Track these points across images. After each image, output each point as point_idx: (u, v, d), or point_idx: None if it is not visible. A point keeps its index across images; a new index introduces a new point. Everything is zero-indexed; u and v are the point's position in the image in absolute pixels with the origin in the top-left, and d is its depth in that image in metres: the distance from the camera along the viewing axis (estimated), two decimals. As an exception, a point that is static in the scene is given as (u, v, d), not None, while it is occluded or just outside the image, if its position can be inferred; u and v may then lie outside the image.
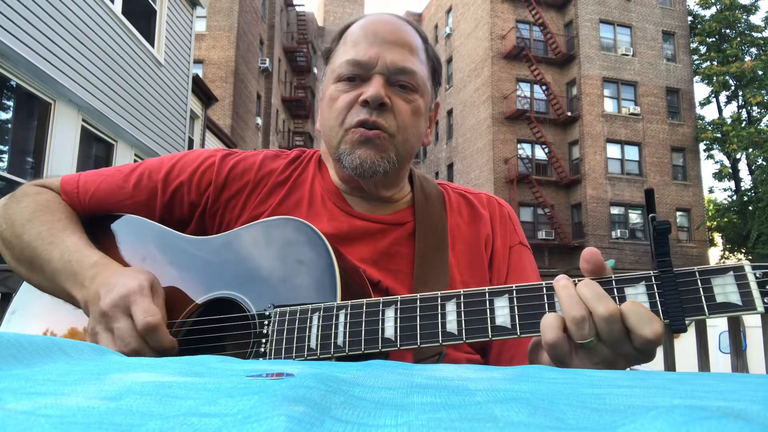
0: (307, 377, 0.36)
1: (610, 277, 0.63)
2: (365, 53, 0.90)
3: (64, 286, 0.83)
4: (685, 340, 4.03)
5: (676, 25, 24.61)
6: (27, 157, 6.73)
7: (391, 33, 0.92)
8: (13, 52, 5.82)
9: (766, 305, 0.57)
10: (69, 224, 0.90)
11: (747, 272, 0.58)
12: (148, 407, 0.28)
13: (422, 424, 0.25)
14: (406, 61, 0.91)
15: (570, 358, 0.61)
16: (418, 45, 0.95)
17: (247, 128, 22.30)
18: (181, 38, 10.27)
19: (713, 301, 0.59)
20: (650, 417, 0.23)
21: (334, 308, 0.70)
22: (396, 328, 0.67)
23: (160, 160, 1.00)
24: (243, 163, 0.99)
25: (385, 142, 0.90)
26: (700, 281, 0.60)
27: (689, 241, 23.09)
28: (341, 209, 0.96)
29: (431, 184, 1.04)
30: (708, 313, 0.58)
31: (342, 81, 0.92)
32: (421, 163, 31.87)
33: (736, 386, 0.39)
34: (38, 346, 0.48)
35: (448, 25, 28.69)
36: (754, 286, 0.58)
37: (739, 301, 0.58)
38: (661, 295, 0.61)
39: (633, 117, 22.93)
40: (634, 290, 0.62)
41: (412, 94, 0.92)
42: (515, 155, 22.88)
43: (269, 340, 0.72)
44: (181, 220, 0.96)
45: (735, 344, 2.43)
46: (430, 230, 0.94)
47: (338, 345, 0.68)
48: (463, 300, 0.66)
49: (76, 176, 0.99)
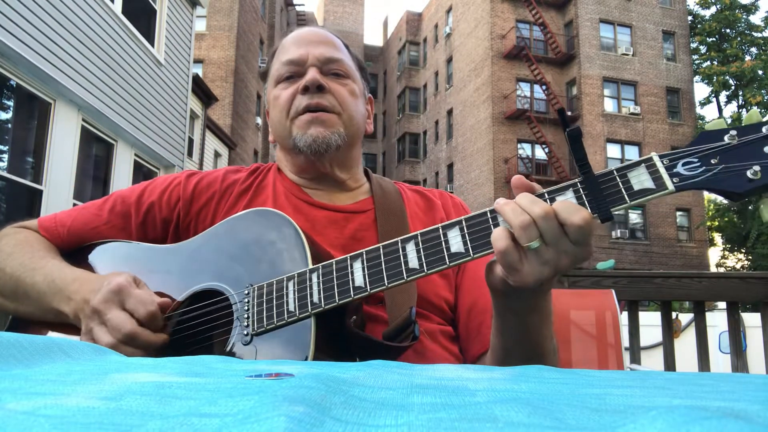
0: (307, 377, 0.36)
1: (542, 190, 0.70)
2: (296, 52, 1.03)
3: (51, 305, 0.85)
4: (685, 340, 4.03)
5: (676, 24, 24.61)
6: (27, 157, 6.73)
7: (315, 35, 1.06)
8: (13, 52, 5.82)
9: (676, 184, 0.66)
10: (48, 253, 0.94)
11: (656, 161, 0.67)
12: (148, 407, 0.28)
13: (422, 424, 0.25)
14: (333, 52, 1.04)
15: (521, 264, 0.67)
16: (339, 44, 1.08)
17: (247, 128, 22.31)
18: (181, 38, 10.27)
19: (631, 189, 0.67)
20: (650, 417, 0.23)
21: (306, 272, 0.75)
22: (364, 275, 0.73)
23: (131, 188, 1.07)
24: (207, 178, 1.06)
25: (332, 118, 1.00)
26: (618, 177, 0.68)
27: (689, 241, 23.09)
28: (304, 201, 1.02)
29: (387, 182, 1.13)
30: (629, 200, 0.66)
31: (282, 82, 1.03)
32: (421, 163, 31.88)
33: (736, 386, 0.39)
34: (38, 346, 0.49)
35: (448, 24, 28.69)
36: (663, 171, 0.66)
37: (653, 185, 0.66)
38: (587, 195, 0.68)
39: (633, 117, 22.94)
40: (563, 197, 0.69)
41: (345, 79, 1.04)
42: (515, 155, 22.89)
43: (250, 314, 0.77)
44: (155, 239, 1.01)
45: (735, 344, 2.43)
46: (391, 215, 1.01)
47: (314, 302, 0.73)
48: (421, 239, 0.72)
49: (52, 215, 1.05)
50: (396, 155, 34.46)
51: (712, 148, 0.66)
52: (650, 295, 2.56)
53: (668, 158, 0.67)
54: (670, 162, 0.67)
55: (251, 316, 0.77)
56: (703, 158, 0.66)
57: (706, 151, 0.66)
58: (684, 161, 0.66)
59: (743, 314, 3.98)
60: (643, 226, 22.70)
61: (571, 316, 1.96)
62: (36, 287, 0.87)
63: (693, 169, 0.66)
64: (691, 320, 3.73)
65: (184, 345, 0.82)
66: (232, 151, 18.96)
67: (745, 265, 25.05)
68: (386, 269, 0.72)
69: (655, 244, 22.55)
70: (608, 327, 1.95)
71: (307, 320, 0.73)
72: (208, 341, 0.82)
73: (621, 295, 2.33)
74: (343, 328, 0.77)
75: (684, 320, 4.57)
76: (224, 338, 0.79)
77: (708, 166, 0.66)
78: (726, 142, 0.66)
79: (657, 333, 3.13)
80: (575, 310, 1.97)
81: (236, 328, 0.78)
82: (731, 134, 0.66)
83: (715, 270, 26.11)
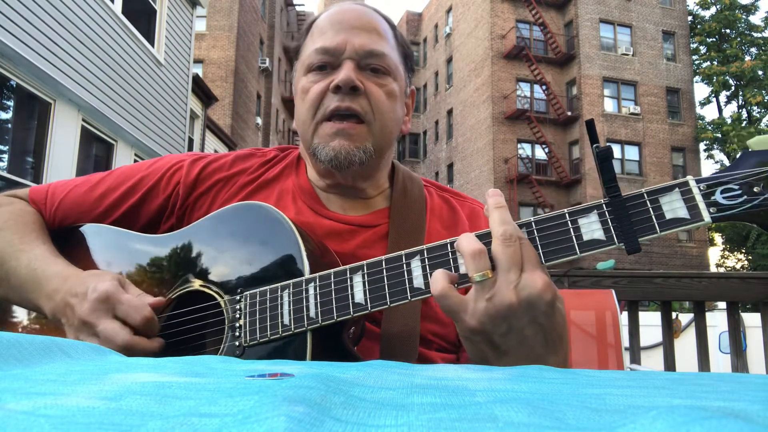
0: (307, 377, 0.36)
1: (563, 211, 0.65)
2: (332, 40, 0.89)
3: (29, 297, 0.82)
4: (685, 340, 4.03)
5: (676, 24, 24.61)
6: (27, 157, 6.73)
7: (357, 19, 0.91)
8: (13, 52, 5.82)
9: (713, 215, 0.60)
10: (40, 236, 0.90)
11: (691, 186, 0.61)
12: (148, 407, 0.28)
13: (422, 424, 0.25)
14: (375, 44, 0.90)
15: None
16: (385, 29, 0.94)
17: (247, 128, 22.30)
18: (181, 38, 10.26)
19: (663, 218, 0.61)
20: (650, 417, 0.23)
21: (303, 283, 0.71)
22: (365, 291, 0.68)
23: (129, 167, 1.00)
24: (214, 164, 0.98)
25: (361, 132, 0.88)
26: (648, 201, 0.62)
27: (689, 241, 23.08)
28: (310, 208, 0.94)
29: (416, 185, 1.01)
30: (659, 230, 0.61)
31: (312, 71, 0.90)
32: (421, 163, 31.87)
33: (736, 386, 0.39)
34: (38, 346, 0.48)
35: (448, 24, 28.68)
36: (699, 198, 0.60)
37: (687, 215, 0.60)
38: (612, 221, 0.62)
39: (633, 117, 22.93)
40: (587, 219, 0.63)
41: (385, 78, 0.91)
42: (515, 155, 22.88)
43: (243, 324, 0.73)
44: (148, 224, 0.95)
45: (735, 344, 2.43)
46: (405, 234, 0.91)
47: (311, 317, 0.69)
48: (427, 255, 0.67)
49: (45, 186, 0.99)
50: (396, 155, 34.25)
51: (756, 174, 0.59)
52: (650, 295, 2.56)
53: (705, 183, 0.61)
54: (707, 188, 0.60)
55: (244, 326, 0.73)
56: (745, 185, 0.59)
57: (749, 177, 0.59)
58: (723, 188, 0.60)
59: (743, 314, 3.98)
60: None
61: (571, 316, 1.96)
62: (17, 272, 0.83)
63: (732, 198, 0.59)
64: (691, 320, 3.72)
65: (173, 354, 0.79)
66: (231, 151, 18.92)
67: (745, 265, 25.04)
68: (389, 286, 0.67)
69: (655, 244, 22.53)
70: (608, 327, 1.95)
71: (302, 334, 0.69)
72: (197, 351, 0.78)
73: (621, 295, 2.33)
74: (340, 343, 0.73)
75: (684, 320, 4.57)
76: (215, 348, 0.75)
77: (750, 195, 0.59)
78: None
79: (657, 333, 3.13)
80: (575, 310, 1.97)
81: (227, 337, 0.74)
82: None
83: (715, 270, 26.10)
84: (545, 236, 0.64)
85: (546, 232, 0.64)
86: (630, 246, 0.61)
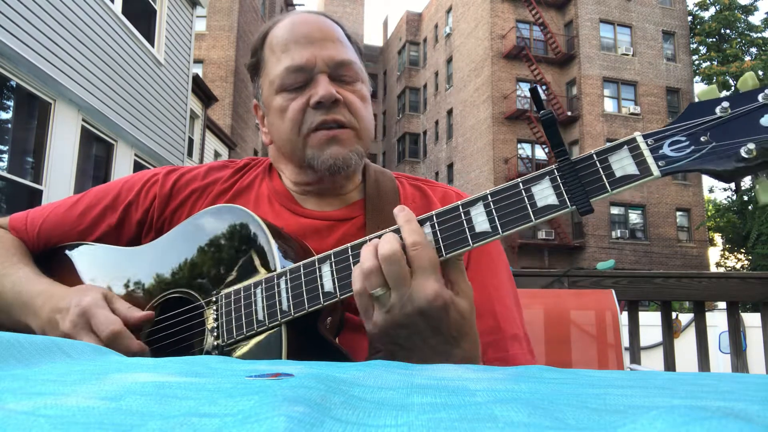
0: (307, 377, 0.36)
1: (516, 180, 0.65)
2: (301, 56, 0.90)
3: (18, 318, 0.85)
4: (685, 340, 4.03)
5: (676, 24, 24.62)
6: (27, 157, 6.72)
7: (318, 30, 0.93)
8: (13, 52, 5.82)
9: (662, 168, 0.59)
10: (22, 259, 0.92)
11: (639, 142, 0.61)
12: (148, 407, 0.28)
13: (422, 424, 0.25)
14: (341, 53, 0.92)
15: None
16: (341, 34, 0.96)
17: (247, 128, 22.30)
18: (181, 38, 10.27)
19: (613, 177, 0.61)
20: (650, 417, 0.23)
21: (274, 278, 0.72)
22: (333, 280, 0.69)
23: (106, 186, 1.02)
24: (187, 175, 1.00)
25: (350, 136, 0.91)
26: (598, 162, 0.62)
27: (689, 241, 23.09)
28: (288, 209, 0.96)
29: (387, 177, 1.04)
30: (610, 188, 0.60)
31: (286, 91, 0.91)
32: (421, 163, 31.87)
33: (736, 386, 0.39)
34: (38, 346, 0.49)
35: (448, 24, 28.69)
36: (647, 153, 0.60)
37: (636, 171, 0.60)
38: (564, 184, 0.62)
39: (633, 117, 22.93)
40: (539, 186, 0.64)
41: (356, 84, 0.94)
42: (515, 155, 22.89)
43: (219, 324, 0.74)
44: (130, 240, 0.97)
45: (735, 344, 2.43)
46: (382, 223, 0.92)
47: (284, 310, 0.70)
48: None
49: (24, 213, 1.01)
50: (396, 155, 34.45)
51: (702, 123, 0.59)
52: (650, 295, 2.56)
53: (653, 138, 0.61)
54: (655, 142, 0.60)
55: (221, 327, 0.74)
56: (692, 136, 0.59)
57: (695, 127, 0.60)
58: (671, 140, 0.60)
59: (743, 314, 3.98)
60: (643, 227, 22.69)
61: (571, 316, 1.96)
62: (3, 295, 0.86)
63: (680, 150, 0.59)
64: (691, 320, 3.72)
65: None
66: (232, 151, 18.96)
67: (745, 265, 25.04)
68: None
69: (655, 244, 22.54)
70: (608, 327, 1.95)
71: (277, 328, 0.70)
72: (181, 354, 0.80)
73: (621, 295, 2.33)
74: (317, 334, 0.74)
75: (684, 320, 4.57)
76: (198, 349, 0.77)
77: (697, 145, 0.59)
78: (717, 116, 0.59)
79: (657, 333, 3.13)
80: (575, 310, 1.97)
81: (207, 338, 0.76)
82: (723, 106, 0.59)
83: (715, 270, 26.10)
84: (502, 207, 0.65)
85: (503, 203, 0.65)
86: (582, 207, 0.61)
